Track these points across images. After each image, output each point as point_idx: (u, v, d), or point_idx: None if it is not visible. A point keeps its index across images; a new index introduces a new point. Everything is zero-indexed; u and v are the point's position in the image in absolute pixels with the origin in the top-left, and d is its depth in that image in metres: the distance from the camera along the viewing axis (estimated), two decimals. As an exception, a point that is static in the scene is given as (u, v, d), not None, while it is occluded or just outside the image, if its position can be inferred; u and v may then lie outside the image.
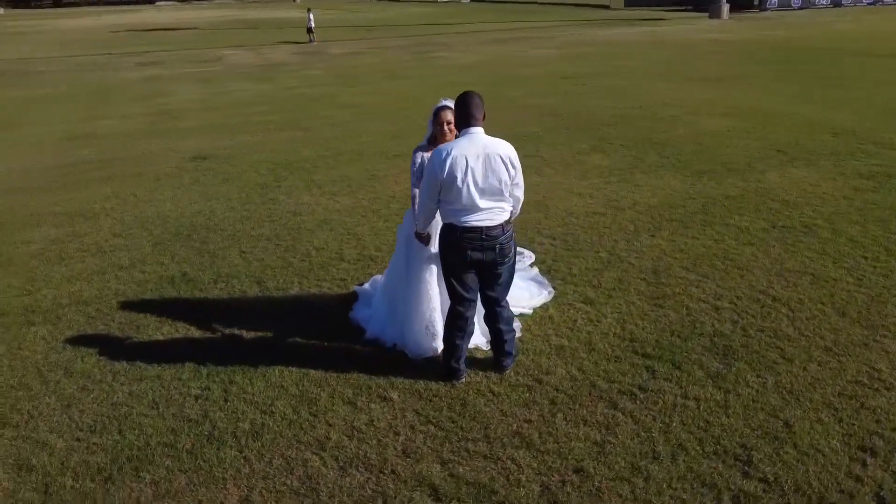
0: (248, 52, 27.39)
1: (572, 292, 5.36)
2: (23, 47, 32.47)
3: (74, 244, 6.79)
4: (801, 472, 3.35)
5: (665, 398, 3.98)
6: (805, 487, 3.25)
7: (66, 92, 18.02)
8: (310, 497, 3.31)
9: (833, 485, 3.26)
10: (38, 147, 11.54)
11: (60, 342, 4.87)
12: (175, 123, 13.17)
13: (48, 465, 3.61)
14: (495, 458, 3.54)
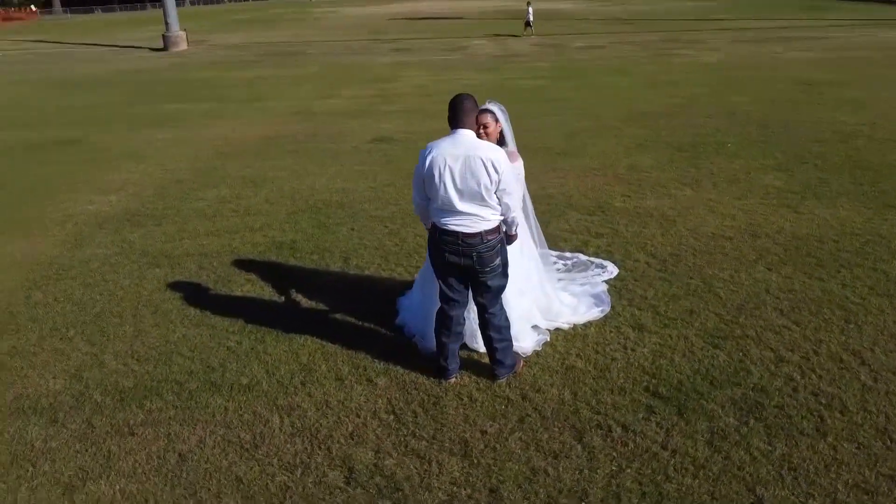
0: (493, 42, 28.35)
1: (628, 315, 5.03)
2: (307, 31, 37.01)
3: (231, 205, 7.88)
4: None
5: (640, 443, 3.67)
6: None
7: (314, 72, 20.34)
8: (249, 453, 3.67)
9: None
10: (266, 119, 13.31)
11: (165, 284, 5.79)
12: (383, 106, 14.29)
13: (91, 379, 4.41)
14: (425, 459, 3.58)
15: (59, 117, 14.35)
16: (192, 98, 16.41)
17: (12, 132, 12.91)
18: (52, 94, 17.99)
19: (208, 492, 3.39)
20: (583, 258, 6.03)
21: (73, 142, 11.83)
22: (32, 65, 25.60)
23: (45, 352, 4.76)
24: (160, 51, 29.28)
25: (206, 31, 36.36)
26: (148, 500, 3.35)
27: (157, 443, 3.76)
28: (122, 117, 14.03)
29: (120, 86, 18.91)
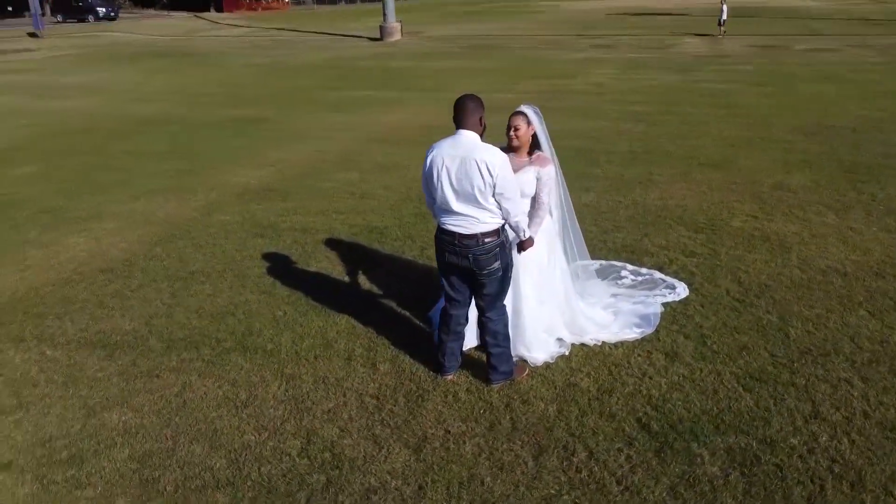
0: (705, 41, 26.67)
1: (669, 342, 4.71)
2: (518, 24, 37.41)
3: (352, 189, 8.45)
4: None
5: (595, 472, 3.50)
6: None
7: (501, 66, 20.61)
8: (236, 410, 4.06)
9: None
10: (437, 109, 13.78)
11: (259, 253, 6.43)
12: (546, 103, 14.18)
13: (155, 326, 5.10)
14: (378, 445, 3.73)
15: (266, 98, 16.08)
16: (382, 86, 17.49)
17: (225, 109, 14.74)
18: (270, 77, 20.16)
19: (186, 437, 3.83)
20: (656, 276, 5.69)
21: (263, 120, 13.24)
22: (267, 50, 28.77)
23: (135, 297, 5.56)
24: (376, 41, 31.38)
25: (424, 22, 38.24)
26: (138, 433, 3.87)
27: (172, 388, 4.28)
28: (313, 101, 15.38)
29: (327, 71, 20.67)
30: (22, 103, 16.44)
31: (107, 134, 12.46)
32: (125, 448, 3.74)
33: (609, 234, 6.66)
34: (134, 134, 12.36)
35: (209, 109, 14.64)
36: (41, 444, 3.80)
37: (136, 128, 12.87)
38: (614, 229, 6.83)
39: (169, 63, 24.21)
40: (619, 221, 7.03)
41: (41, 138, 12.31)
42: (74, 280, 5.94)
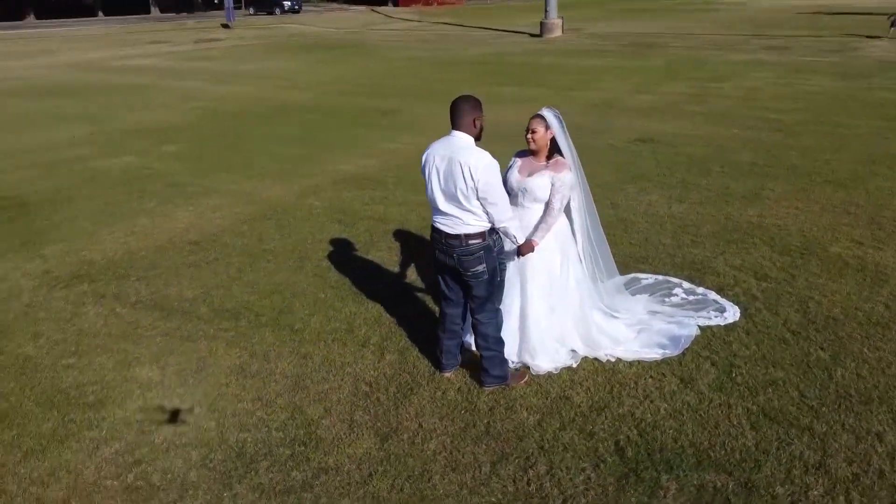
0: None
1: (691, 367, 4.44)
2: (688, 24, 35.53)
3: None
4: None
5: (544, 488, 3.44)
6: None
7: (652, 66, 19.75)
8: (242, 380, 4.40)
9: None
10: (570, 106, 13.67)
11: (329, 237, 6.81)
12: (686, 106, 13.50)
13: (212, 296, 5.60)
14: (351, 429, 3.89)
15: (408, 90, 16.63)
16: (521, 82, 17.51)
17: (365, 99, 15.50)
18: (421, 70, 20.81)
19: (191, 398, 4.21)
20: (710, 297, 5.34)
21: (394, 112, 13.78)
22: (429, 44, 29.67)
23: (207, 269, 6.13)
24: (535, 37, 31.27)
25: (590, 18, 37.52)
26: (155, 389, 4.31)
27: (200, 353, 4.72)
28: (452, 94, 15.56)
29: (477, 66, 20.97)
30: (199, 87, 18.28)
31: (252, 118, 13.59)
32: (139, 400, 4.19)
33: (682, 249, 6.31)
34: (275, 119, 13.37)
35: (350, 99, 15.46)
36: (77, 386, 4.36)
37: (279, 114, 13.91)
38: (691, 244, 6.45)
39: (333, 54, 25.75)
40: (699, 236, 6.63)
41: (200, 119, 13.67)
42: (165, 248, 6.64)
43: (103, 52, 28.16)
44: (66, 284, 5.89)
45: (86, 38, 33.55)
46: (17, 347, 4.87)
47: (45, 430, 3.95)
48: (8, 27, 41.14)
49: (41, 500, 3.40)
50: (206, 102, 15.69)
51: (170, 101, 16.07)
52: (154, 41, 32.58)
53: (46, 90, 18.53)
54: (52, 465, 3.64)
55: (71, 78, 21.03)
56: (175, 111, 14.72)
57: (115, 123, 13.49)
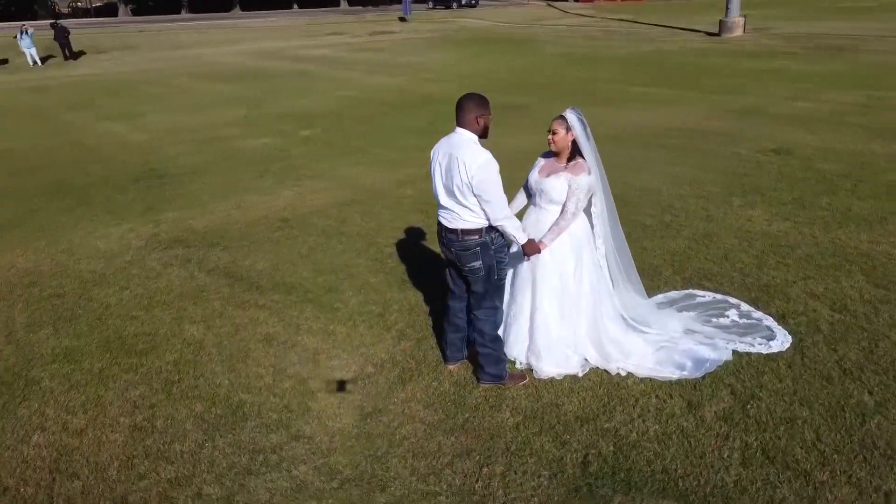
0: None
1: (705, 393, 4.19)
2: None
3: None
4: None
5: (492, 487, 3.46)
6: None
7: (827, 70, 17.97)
8: (265, 348, 4.77)
9: None
10: (700, 111, 12.98)
11: (402, 225, 7.08)
12: (850, 117, 12.26)
13: (275, 270, 6.08)
14: (339, 405, 4.12)
15: (546, 87, 16.56)
16: (667, 84, 16.77)
17: (500, 94, 15.59)
18: (570, 67, 20.56)
19: (219, 358, 4.65)
20: (765, 322, 4.97)
21: (523, 108, 13.80)
22: (592, 40, 29.12)
23: (285, 245, 6.63)
24: (713, 35, 29.57)
25: (778, 18, 34.77)
26: (192, 345, 4.81)
27: (242, 319, 5.17)
28: (590, 93, 15.41)
29: (632, 65, 20.32)
30: (355, 78, 19.40)
31: (390, 108, 14.24)
32: (174, 353, 4.71)
33: (761, 270, 5.87)
34: (409, 110, 13.92)
35: (487, 93, 15.66)
36: (133, 335, 4.97)
37: (415, 105, 14.45)
38: (775, 266, 5.98)
39: (489, 48, 26.10)
40: (788, 258, 6.12)
41: (344, 108, 14.54)
42: (258, 223, 7.26)
43: (286, 42, 30.60)
44: (165, 248, 6.65)
45: (275, 28, 36.58)
46: (104, 297, 5.61)
47: (94, 368, 4.56)
48: (217, 17, 45.80)
49: (66, 425, 3.96)
50: (356, 92, 16.63)
51: (325, 88, 17.21)
52: (333, 32, 34.85)
53: (226, 75, 20.56)
54: (86, 399, 4.21)
55: (250, 64, 23.14)
56: (325, 98, 15.76)
57: (271, 107, 14.71)
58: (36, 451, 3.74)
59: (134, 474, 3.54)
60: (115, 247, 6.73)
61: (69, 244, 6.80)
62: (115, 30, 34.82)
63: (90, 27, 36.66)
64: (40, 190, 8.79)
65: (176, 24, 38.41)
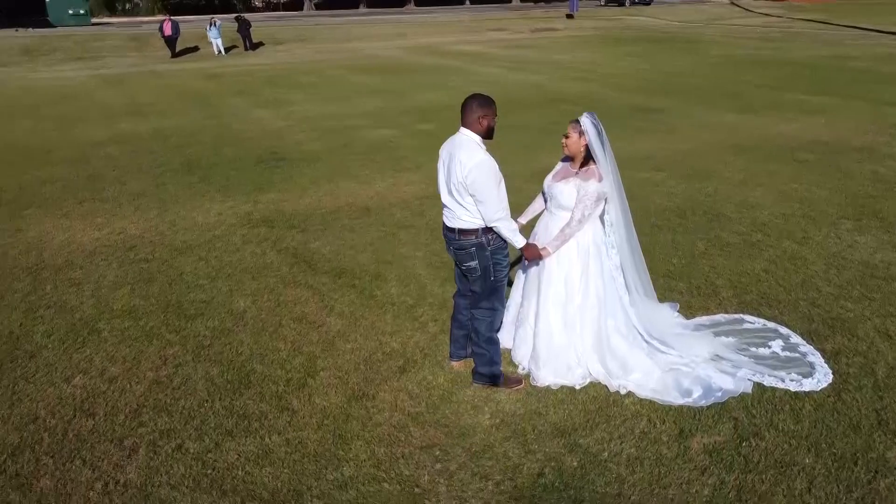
0: None
1: (703, 424, 3.95)
2: None
3: (645, 189, 8.34)
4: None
5: (423, 482, 3.53)
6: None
7: None
8: (297, 325, 5.09)
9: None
10: (849, 121, 11.75)
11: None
12: None
13: (333, 253, 6.44)
14: (332, 383, 4.35)
15: (691, 90, 15.65)
16: (833, 91, 15.21)
17: (638, 95, 15.15)
18: (724, 69, 19.32)
19: (266, 330, 5.04)
20: (809, 358, 4.56)
21: (657, 111, 13.26)
22: (766, 42, 27.08)
23: (357, 232, 6.96)
24: (910, 39, 26.44)
25: None
26: (243, 316, 5.25)
27: (285, 297, 5.55)
28: (735, 97, 14.40)
29: (795, 69, 18.72)
30: (497, 74, 19.59)
31: (516, 105, 14.24)
32: (216, 321, 5.17)
33: (837, 302, 5.36)
34: (536, 108, 13.88)
35: (624, 94, 15.24)
36: (190, 302, 5.51)
37: (544, 103, 14.38)
38: (857, 298, 5.42)
39: (648, 48, 25.16)
40: (876, 292, 5.51)
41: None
42: (341, 210, 7.68)
43: (445, 38, 31.43)
44: (252, 226, 7.24)
45: (440, 24, 37.62)
46: (182, 265, 6.26)
47: (147, 326, 5.14)
48: (389, 12, 47.90)
49: (104, 373, 4.52)
50: (490, 88, 16.76)
51: (461, 84, 17.55)
52: (496, 28, 35.25)
53: (377, 68, 21.57)
54: (129, 352, 4.77)
55: (403, 58, 24.09)
56: (458, 94, 15.91)
57: (404, 101, 15.30)
58: (72, 390, 4.31)
59: (136, 422, 3.98)
60: (211, 221, 7.43)
61: (175, 216, 7.61)
62: (296, 23, 37.58)
63: (275, 21, 39.85)
64: (173, 166, 9.86)
65: (350, 18, 40.72)
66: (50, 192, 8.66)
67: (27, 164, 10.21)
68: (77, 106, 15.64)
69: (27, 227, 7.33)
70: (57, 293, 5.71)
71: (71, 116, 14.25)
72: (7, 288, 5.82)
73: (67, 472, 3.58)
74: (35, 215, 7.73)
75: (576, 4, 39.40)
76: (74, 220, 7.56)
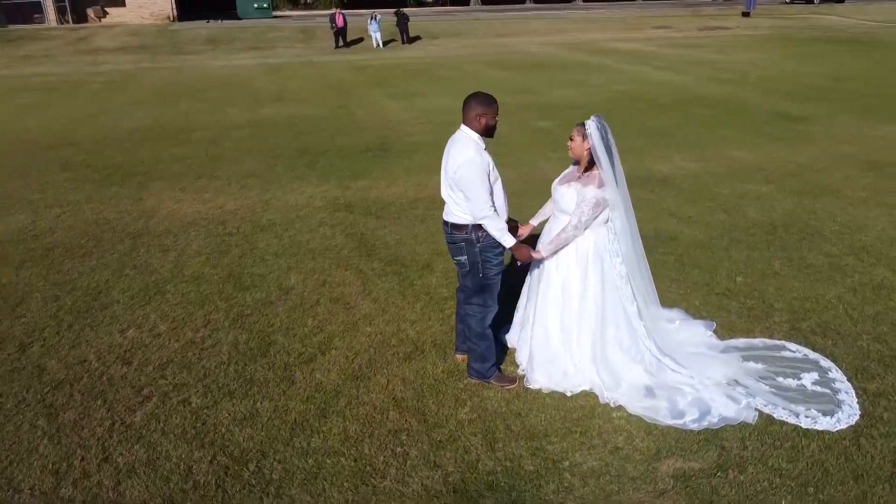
0: None
1: (690, 449, 3.76)
2: None
3: (740, 202, 7.87)
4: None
5: (377, 464, 3.68)
6: None
7: None
8: (332, 304, 5.43)
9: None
10: None
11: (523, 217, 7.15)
12: None
13: (392, 240, 6.71)
14: (344, 364, 4.59)
15: (853, 96, 14.23)
16: None
17: (785, 101, 14.07)
18: None
19: (290, 305, 5.44)
20: (839, 396, 4.18)
21: (801, 120, 12.25)
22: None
23: (427, 224, 7.13)
24: None
25: None
26: (282, 291, 5.67)
27: (333, 279, 5.88)
28: (882, 109, 13.04)
29: None
30: (643, 73, 18.94)
31: (650, 106, 13.80)
32: (263, 293, 5.60)
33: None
34: (667, 110, 13.34)
35: (771, 99, 14.25)
36: (250, 275, 6.00)
37: (678, 105, 13.78)
38: (935, 335, 4.85)
39: (826, 50, 23.14)
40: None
41: (605, 102, 14.43)
42: (419, 201, 7.93)
43: (604, 34, 30.72)
44: (334, 210, 7.69)
45: (601, 20, 36.78)
46: (258, 240, 6.81)
47: (205, 292, 5.69)
48: (555, 8, 47.43)
49: (153, 329, 5.09)
50: (630, 87, 16.32)
51: (602, 82, 17.20)
52: (659, 26, 33.90)
53: (517, 64, 21.60)
54: (180, 312, 5.31)
55: (550, 54, 23.91)
56: (594, 92, 15.77)
57: (532, 97, 15.27)
58: (122, 340, 4.91)
59: (160, 374, 4.47)
60: (301, 203, 7.98)
61: (272, 196, 8.24)
62: (456, 18, 38.41)
63: (438, 16, 40.93)
64: (289, 151, 10.61)
65: (512, 14, 40.87)
66: (178, 168, 9.67)
67: (170, 141, 11.44)
68: (234, 91, 17.17)
69: (147, 198, 8.28)
70: (146, 256, 6.45)
71: (224, 100, 15.70)
72: (110, 248, 6.65)
73: (88, 409, 4.11)
74: (158, 188, 8.70)
75: (753, 1, 36.86)
76: (187, 193, 8.42)
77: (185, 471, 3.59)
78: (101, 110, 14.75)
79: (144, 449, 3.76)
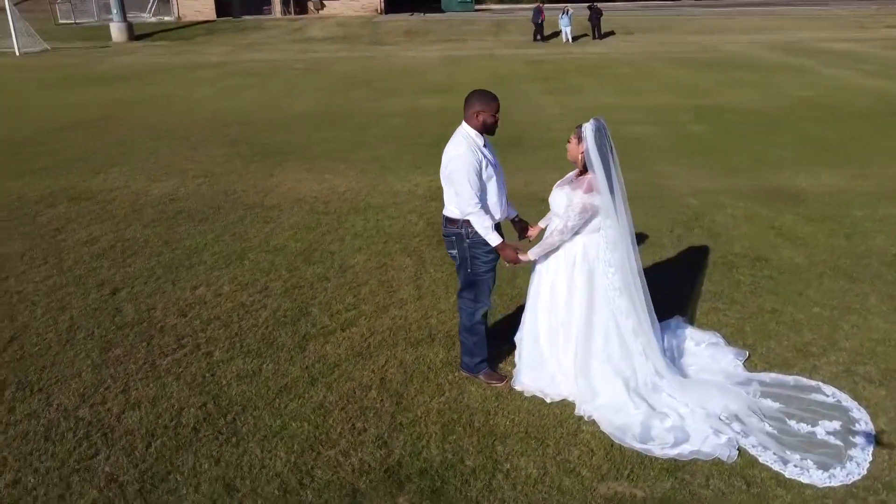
0: None
1: (648, 474, 3.59)
2: None
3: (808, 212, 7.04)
4: None
5: (337, 436, 3.93)
6: None
7: None
8: (374, 281, 5.75)
9: None
10: None
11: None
12: None
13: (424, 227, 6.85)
14: (353, 342, 4.91)
15: None
16: None
17: None
18: None
19: (333, 285, 5.84)
20: (850, 451, 3.73)
21: None
22: None
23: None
24: None
25: None
26: (338, 268, 6.09)
27: (390, 261, 6.17)
28: None
29: None
30: (840, 77, 17.06)
31: (832, 114, 12.49)
32: (323, 269, 6.04)
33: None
34: (852, 120, 12.05)
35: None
36: (320, 250, 6.49)
37: (869, 115, 12.43)
38: None
39: None
40: None
41: (777, 108, 13.27)
42: (522, 198, 7.92)
43: (819, 33, 27.86)
44: (429, 199, 7.96)
45: (824, 17, 33.24)
46: (345, 221, 7.29)
47: (276, 262, 6.24)
48: (778, 3, 43.55)
49: (217, 290, 5.73)
50: (818, 92, 14.88)
51: (788, 86, 15.84)
52: (892, 25, 29.99)
53: (699, 62, 20.35)
54: (245, 278, 5.91)
55: (745, 53, 22.22)
56: (773, 96, 14.55)
57: (698, 98, 14.44)
58: (188, 296, 5.60)
59: (201, 328, 5.06)
60: (403, 190, 8.37)
61: (382, 182, 8.72)
62: (659, 14, 36.77)
63: (640, 11, 39.43)
64: (425, 139, 10.93)
65: (719, 10, 38.24)
66: (318, 150, 10.52)
67: (327, 125, 12.42)
68: (404, 81, 18.08)
69: (277, 174, 9.16)
70: (248, 226, 7.20)
71: (392, 89, 16.61)
72: (223, 217, 7.51)
73: (133, 349, 4.79)
74: (291, 166, 9.56)
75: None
76: (312, 173, 9.18)
77: (176, 412, 4.09)
78: (287, 94, 16.31)
79: (156, 388, 4.32)
